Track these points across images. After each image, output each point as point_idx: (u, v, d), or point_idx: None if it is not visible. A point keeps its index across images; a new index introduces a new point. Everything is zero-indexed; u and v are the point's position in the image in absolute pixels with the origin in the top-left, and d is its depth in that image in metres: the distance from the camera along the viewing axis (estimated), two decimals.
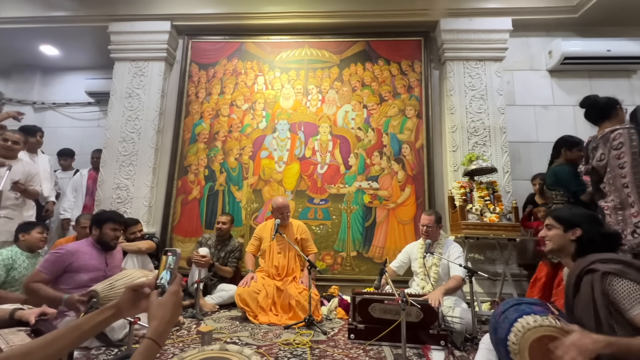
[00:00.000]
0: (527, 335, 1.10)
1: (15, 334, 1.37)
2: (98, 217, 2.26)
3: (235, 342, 2.03)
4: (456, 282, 2.21)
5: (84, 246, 2.18)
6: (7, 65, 4.76)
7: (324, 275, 3.32)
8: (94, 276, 2.12)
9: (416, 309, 1.99)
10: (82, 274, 2.09)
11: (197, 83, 3.90)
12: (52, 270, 2.01)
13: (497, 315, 1.28)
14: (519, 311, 1.16)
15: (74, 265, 2.07)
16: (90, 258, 2.15)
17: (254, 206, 3.60)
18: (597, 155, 1.99)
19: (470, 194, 2.99)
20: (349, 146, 3.65)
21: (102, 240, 2.22)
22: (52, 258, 2.04)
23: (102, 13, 3.87)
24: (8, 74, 4.85)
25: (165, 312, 0.72)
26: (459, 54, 3.59)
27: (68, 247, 2.14)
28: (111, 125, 3.76)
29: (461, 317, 2.07)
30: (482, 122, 3.48)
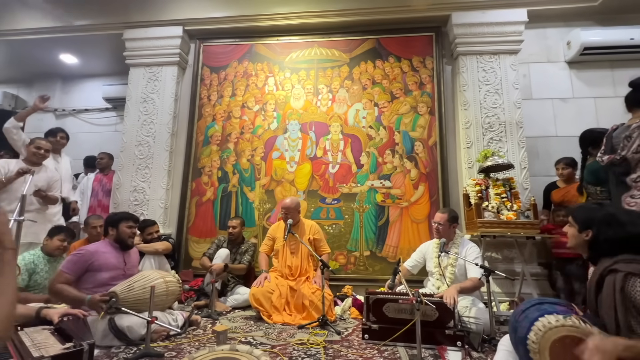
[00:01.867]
0: (548, 335, 1.06)
1: (40, 332, 1.42)
2: (112, 218, 2.33)
3: (250, 341, 2.05)
4: (472, 283, 2.15)
5: (102, 246, 2.25)
6: (30, 75, 4.97)
7: (337, 275, 3.31)
8: (114, 274, 2.18)
9: (431, 309, 1.95)
10: (103, 272, 2.15)
11: (209, 86, 3.96)
12: (74, 270, 2.08)
13: (517, 314, 1.24)
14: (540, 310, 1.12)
15: (95, 264, 2.14)
16: (109, 257, 2.21)
17: (266, 207, 3.63)
18: (633, 146, 1.88)
19: (486, 191, 2.92)
20: (361, 145, 3.62)
21: (119, 239, 2.28)
22: (74, 259, 2.12)
23: (117, 21, 3.98)
24: (31, 82, 5.06)
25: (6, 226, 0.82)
26: (472, 48, 3.51)
27: (88, 248, 2.21)
28: (127, 130, 3.86)
29: (478, 318, 2.02)
30: (497, 117, 3.39)
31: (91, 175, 3.93)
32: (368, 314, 2.10)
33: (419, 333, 1.66)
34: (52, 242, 2.45)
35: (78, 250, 2.17)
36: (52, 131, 3.36)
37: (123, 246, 2.30)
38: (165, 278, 2.25)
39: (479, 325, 2.01)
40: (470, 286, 2.14)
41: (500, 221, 2.74)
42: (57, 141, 3.36)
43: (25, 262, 2.32)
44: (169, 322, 2.12)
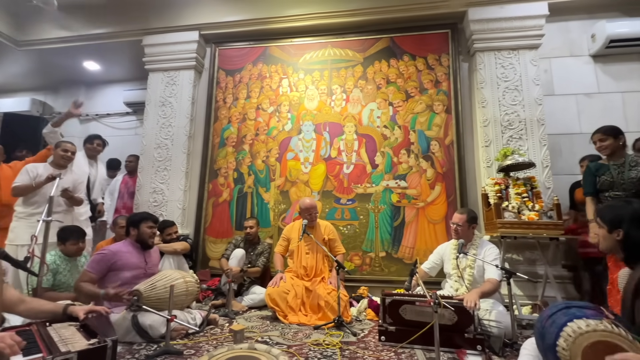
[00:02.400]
0: (579, 341, 1.01)
1: (67, 328, 1.48)
2: (133, 219, 2.40)
3: (266, 341, 2.07)
4: (492, 285, 2.09)
5: (124, 246, 2.32)
6: (56, 82, 5.20)
7: (352, 276, 3.29)
8: (136, 274, 2.25)
9: (450, 311, 1.91)
10: (125, 271, 2.22)
11: (224, 89, 4.02)
12: (98, 269, 2.16)
13: (543, 319, 1.19)
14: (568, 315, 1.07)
15: (118, 264, 2.21)
16: (131, 257, 2.28)
17: (281, 207, 3.65)
18: None
19: (505, 190, 2.84)
20: (375, 145, 3.59)
21: (141, 239, 2.35)
22: (97, 258, 2.19)
23: (136, 28, 4.11)
24: (57, 89, 5.29)
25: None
26: (489, 44, 3.42)
27: (111, 248, 2.28)
28: (147, 133, 3.98)
29: (499, 321, 1.96)
30: (517, 114, 3.28)
31: (119, 177, 4.06)
32: (384, 316, 2.08)
33: (437, 336, 1.62)
34: (67, 247, 2.52)
35: (101, 250, 2.25)
36: (90, 138, 3.49)
37: (144, 246, 2.37)
38: (185, 278, 2.30)
39: (500, 329, 1.95)
40: (491, 289, 2.08)
41: (522, 222, 2.66)
42: (94, 148, 3.48)
43: (49, 263, 2.41)
44: (187, 321, 2.17)
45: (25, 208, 2.75)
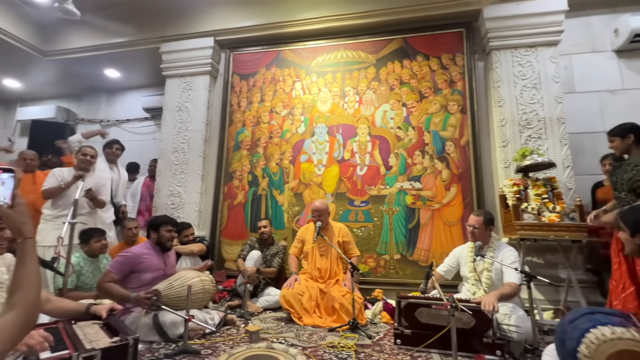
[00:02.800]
0: (603, 348, 0.97)
1: (90, 327, 1.54)
2: (153, 222, 2.46)
3: (282, 342, 2.08)
4: (511, 288, 2.03)
5: (145, 248, 2.39)
6: (79, 90, 5.43)
7: (367, 279, 3.27)
8: (156, 275, 2.31)
9: (467, 315, 1.87)
10: (147, 273, 2.29)
11: (239, 93, 4.09)
12: (121, 270, 2.23)
13: (564, 324, 1.16)
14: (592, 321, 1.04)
15: (140, 266, 2.28)
16: (152, 259, 2.35)
17: (295, 209, 3.68)
18: None
19: (524, 191, 2.76)
20: (389, 146, 3.57)
21: (160, 242, 2.42)
22: (120, 259, 2.27)
23: (154, 35, 4.24)
24: (80, 97, 5.52)
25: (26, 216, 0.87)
26: (506, 42, 3.35)
27: (133, 250, 2.36)
28: (164, 137, 4.09)
29: (519, 326, 1.91)
30: (535, 113, 3.19)
31: (140, 179, 4.18)
32: (400, 319, 2.05)
33: (455, 340, 1.59)
34: (91, 246, 2.62)
35: (125, 252, 2.32)
36: (109, 143, 3.63)
37: (163, 248, 2.43)
38: (200, 277, 2.35)
39: (520, 334, 1.90)
40: (509, 292, 2.02)
41: (542, 223, 2.58)
42: (113, 152, 3.60)
43: (74, 265, 2.51)
44: (205, 321, 2.20)
45: (51, 210, 2.88)
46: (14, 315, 0.75)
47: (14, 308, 0.76)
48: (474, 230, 2.26)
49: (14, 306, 0.76)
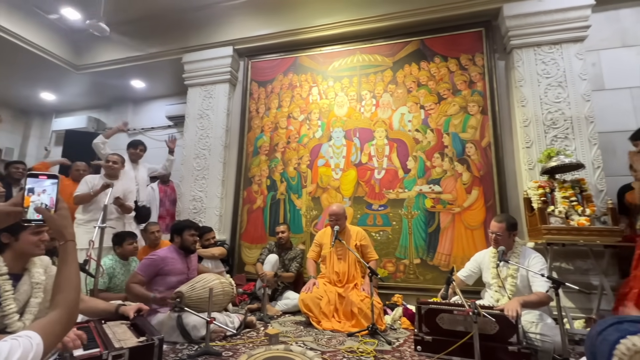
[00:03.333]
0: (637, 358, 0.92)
1: (119, 326, 1.61)
2: (177, 227, 2.55)
3: (300, 346, 2.09)
4: (538, 297, 1.94)
5: (170, 252, 2.48)
6: (108, 100, 5.72)
7: (386, 283, 3.24)
8: (180, 278, 2.39)
9: (490, 322, 1.81)
10: (171, 276, 2.37)
11: (257, 100, 4.19)
12: (147, 272, 2.33)
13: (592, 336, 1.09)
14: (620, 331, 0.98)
15: (165, 269, 2.36)
16: (176, 262, 2.43)
17: (313, 213, 3.70)
18: None
19: (551, 194, 2.65)
20: (407, 149, 3.53)
21: (184, 246, 2.50)
22: (146, 262, 2.37)
23: (177, 47, 4.42)
24: (109, 107, 5.82)
25: (67, 220, 0.93)
26: (528, 39, 3.25)
27: (159, 253, 2.45)
28: (187, 144, 4.24)
29: (546, 334, 1.82)
30: (561, 112, 3.07)
31: (154, 185, 4.32)
32: (420, 325, 2.02)
33: (478, 348, 1.55)
34: (124, 248, 2.75)
35: (151, 255, 2.42)
36: (134, 143, 3.79)
37: (187, 252, 2.52)
38: (220, 279, 2.40)
39: (547, 343, 1.82)
40: (536, 300, 1.94)
41: (570, 227, 2.47)
42: (137, 153, 3.75)
43: (106, 267, 2.64)
44: (226, 323, 2.25)
45: (83, 215, 3.04)
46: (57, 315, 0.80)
47: (57, 308, 0.81)
48: (497, 237, 2.18)
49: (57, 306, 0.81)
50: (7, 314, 1.37)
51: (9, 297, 1.45)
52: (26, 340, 0.65)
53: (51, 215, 0.90)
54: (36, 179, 0.92)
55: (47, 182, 0.92)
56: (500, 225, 2.18)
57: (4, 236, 1.42)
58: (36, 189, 0.91)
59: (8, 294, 1.45)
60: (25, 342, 0.65)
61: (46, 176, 0.93)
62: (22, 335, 0.67)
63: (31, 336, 0.67)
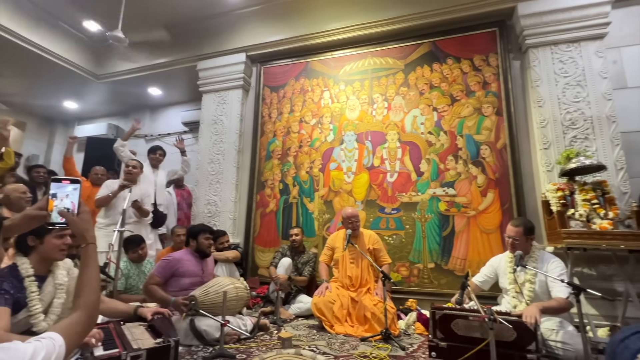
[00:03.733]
0: None
1: (137, 328, 1.66)
2: (192, 230, 2.61)
3: (313, 350, 2.09)
4: (557, 303, 1.88)
5: (185, 255, 2.54)
6: (126, 107, 5.92)
7: (399, 288, 3.20)
8: (194, 281, 2.44)
9: (507, 328, 1.77)
10: (185, 278, 2.42)
11: (269, 104, 4.24)
12: (163, 274, 2.39)
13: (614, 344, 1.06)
14: None
15: (180, 270, 2.42)
16: (190, 265, 2.49)
17: (325, 217, 3.70)
18: None
19: (570, 197, 2.56)
20: (420, 152, 3.50)
21: (199, 249, 2.55)
22: (162, 264, 2.43)
23: (192, 54, 4.54)
24: (127, 114, 6.01)
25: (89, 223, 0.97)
26: (544, 38, 3.17)
27: (174, 255, 2.51)
28: (201, 149, 4.33)
29: (566, 343, 1.76)
30: (581, 112, 2.97)
31: (170, 190, 4.42)
32: (434, 330, 1.98)
33: (494, 355, 1.51)
34: (130, 256, 2.82)
35: (167, 257, 2.48)
36: (153, 149, 3.92)
37: (202, 255, 2.57)
38: (235, 284, 2.44)
39: (569, 352, 1.75)
40: (556, 307, 1.88)
41: (592, 231, 2.38)
42: (157, 157, 3.87)
43: (122, 269, 2.72)
44: (239, 326, 2.28)
45: (104, 219, 3.16)
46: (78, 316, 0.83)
47: (78, 309, 0.84)
48: (513, 241, 2.13)
49: (79, 307, 0.85)
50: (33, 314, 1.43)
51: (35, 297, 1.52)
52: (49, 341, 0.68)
53: (74, 218, 0.94)
54: (59, 183, 0.96)
55: (69, 187, 0.97)
56: (517, 230, 2.12)
57: (30, 239, 1.49)
58: (59, 193, 0.96)
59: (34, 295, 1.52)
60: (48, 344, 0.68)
61: (69, 181, 0.98)
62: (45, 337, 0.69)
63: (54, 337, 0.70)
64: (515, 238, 2.11)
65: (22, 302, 1.41)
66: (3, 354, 0.59)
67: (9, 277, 1.40)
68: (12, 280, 1.40)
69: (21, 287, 1.42)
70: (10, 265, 1.49)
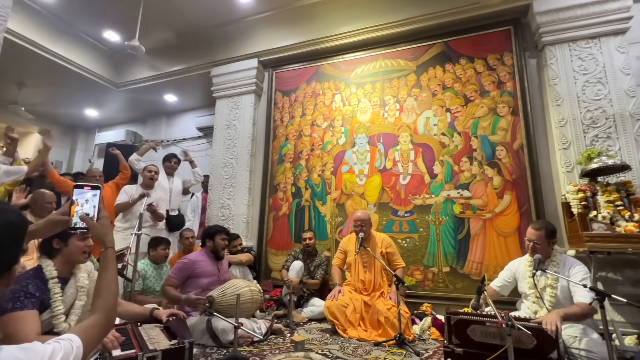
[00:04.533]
0: None
1: (153, 329, 1.70)
2: (209, 231, 2.65)
3: (326, 354, 2.08)
4: (580, 309, 1.80)
5: (200, 256, 2.59)
6: (144, 114, 6.10)
7: (413, 292, 3.15)
8: (211, 281, 2.48)
9: (527, 335, 1.70)
10: (202, 279, 2.47)
11: (281, 109, 4.28)
12: (180, 275, 2.44)
13: None
14: None
15: (196, 271, 2.47)
16: (206, 265, 2.53)
17: (338, 220, 3.69)
18: None
19: (592, 198, 2.47)
20: (433, 154, 3.45)
21: (215, 250, 2.59)
22: (179, 265, 2.48)
23: (205, 61, 4.65)
24: (145, 121, 6.20)
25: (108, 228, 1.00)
26: (561, 35, 3.08)
27: (190, 257, 2.56)
28: (215, 154, 4.41)
29: (591, 351, 1.68)
30: (602, 110, 2.87)
31: (198, 194, 4.52)
32: (450, 336, 1.93)
33: None
34: (157, 252, 2.90)
35: (183, 259, 2.54)
36: (167, 157, 4.04)
37: (217, 256, 2.61)
38: (250, 287, 2.46)
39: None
40: (578, 313, 1.80)
41: (617, 234, 2.28)
42: (172, 165, 3.98)
43: (139, 270, 2.79)
44: (253, 329, 2.29)
45: (122, 223, 3.26)
46: (96, 319, 0.86)
47: (96, 312, 0.87)
48: (534, 245, 2.05)
49: (97, 310, 0.87)
50: (55, 315, 1.48)
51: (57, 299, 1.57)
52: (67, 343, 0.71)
53: (94, 223, 0.98)
54: (81, 189, 1.00)
55: (89, 193, 1.00)
56: (538, 233, 2.05)
57: (55, 242, 1.55)
58: (80, 199, 0.99)
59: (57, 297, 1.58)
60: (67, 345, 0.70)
61: (89, 187, 1.01)
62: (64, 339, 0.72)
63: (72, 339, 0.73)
64: (537, 242, 2.04)
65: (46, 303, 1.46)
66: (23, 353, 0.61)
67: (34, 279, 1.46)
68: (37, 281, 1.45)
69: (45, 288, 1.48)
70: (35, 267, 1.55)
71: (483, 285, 1.90)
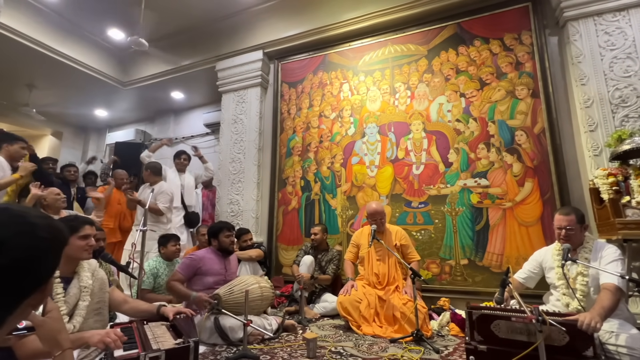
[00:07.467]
0: None
1: (159, 327, 1.63)
2: (213, 229, 2.58)
3: (340, 351, 1.98)
4: (611, 294, 1.63)
5: (208, 253, 2.52)
6: (152, 113, 6.10)
7: (430, 286, 3.02)
8: (217, 279, 2.41)
9: (558, 331, 1.56)
10: (209, 276, 2.40)
11: (288, 101, 4.17)
12: (186, 272, 2.38)
13: None
14: None
15: (203, 269, 2.40)
16: (213, 263, 2.47)
17: (349, 213, 3.58)
18: None
19: (624, 182, 2.28)
20: (447, 141, 3.28)
21: (221, 247, 2.52)
22: (186, 262, 2.42)
23: (210, 56, 4.57)
24: (153, 119, 6.20)
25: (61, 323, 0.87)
26: (585, 9, 2.86)
27: (197, 254, 2.50)
28: (223, 149, 4.35)
29: (632, 348, 1.53)
30: (633, 88, 2.65)
31: (198, 191, 4.49)
32: (472, 332, 1.80)
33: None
34: (168, 248, 2.86)
35: (190, 255, 2.48)
36: (177, 154, 4.05)
37: (225, 253, 2.54)
38: (260, 284, 2.38)
39: (634, 357, 1.52)
40: (612, 302, 1.63)
41: None
42: (182, 162, 3.99)
43: (150, 268, 2.76)
44: (264, 327, 2.21)
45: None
46: None
47: None
48: (568, 232, 1.88)
49: None
50: None
51: (60, 299, 1.52)
52: None
53: (41, 320, 0.88)
54: None
55: None
56: (569, 218, 1.88)
57: None
58: None
59: (59, 297, 1.52)
60: None
61: None
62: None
63: None
64: (570, 227, 1.87)
65: None
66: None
67: None
68: None
69: None
70: None
71: (507, 278, 1.76)
